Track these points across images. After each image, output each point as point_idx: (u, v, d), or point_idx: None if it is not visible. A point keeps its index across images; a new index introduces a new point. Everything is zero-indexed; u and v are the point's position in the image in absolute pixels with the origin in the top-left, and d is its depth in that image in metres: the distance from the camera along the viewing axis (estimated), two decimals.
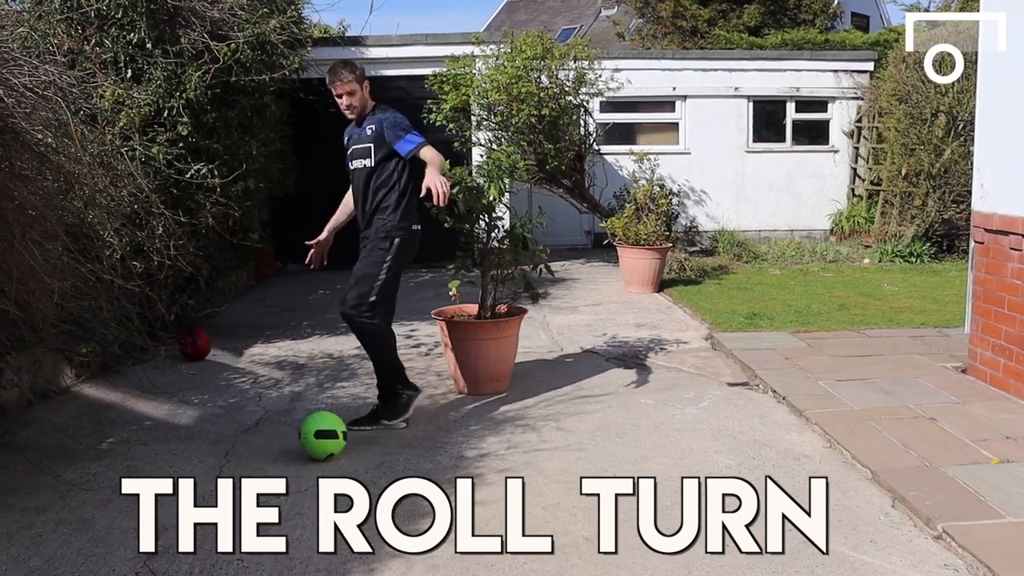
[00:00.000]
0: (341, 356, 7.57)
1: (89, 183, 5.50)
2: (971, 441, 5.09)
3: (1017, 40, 5.91)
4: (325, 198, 12.46)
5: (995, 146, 6.24)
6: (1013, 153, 6.00)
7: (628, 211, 10.99)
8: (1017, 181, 5.95)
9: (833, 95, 14.84)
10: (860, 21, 26.01)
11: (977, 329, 6.42)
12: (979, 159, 6.47)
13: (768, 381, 6.43)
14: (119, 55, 7.26)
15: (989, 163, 6.31)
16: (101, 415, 5.97)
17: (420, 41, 12.87)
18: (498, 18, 34.23)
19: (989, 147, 6.33)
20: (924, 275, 11.53)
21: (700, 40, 20.71)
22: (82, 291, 5.30)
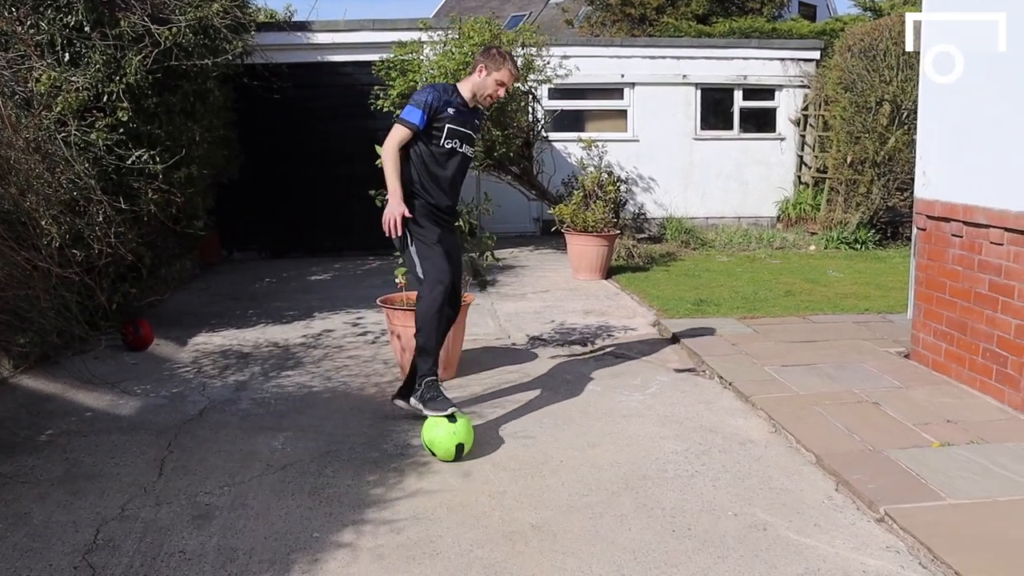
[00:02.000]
0: (287, 345, 7.48)
1: (24, 169, 5.37)
2: (913, 425, 5.15)
3: (955, 32, 5.98)
4: (271, 184, 12.51)
5: (937, 134, 6.31)
6: (954, 141, 6.08)
7: (576, 198, 10.99)
8: (958, 169, 6.03)
9: (780, 83, 14.95)
10: (807, 10, 26.28)
11: (919, 315, 6.50)
12: (922, 147, 6.55)
13: (714, 367, 6.46)
14: (56, 38, 7.07)
15: (931, 151, 6.38)
16: (40, 407, 5.84)
17: (367, 27, 12.74)
18: (447, 4, 34.02)
19: (932, 135, 6.40)
20: (868, 261, 11.68)
21: (649, 28, 20.78)
22: (18, 280, 5.18)
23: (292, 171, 12.65)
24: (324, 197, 12.55)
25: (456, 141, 5.29)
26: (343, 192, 11.72)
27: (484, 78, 5.29)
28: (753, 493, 4.35)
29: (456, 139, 5.29)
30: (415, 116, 5.17)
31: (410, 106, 5.23)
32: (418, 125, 5.17)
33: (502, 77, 5.27)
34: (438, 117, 5.21)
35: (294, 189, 12.68)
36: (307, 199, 12.69)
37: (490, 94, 5.33)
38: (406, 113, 5.21)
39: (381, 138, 5.36)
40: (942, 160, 6.23)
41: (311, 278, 10.99)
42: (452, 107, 5.26)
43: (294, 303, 9.28)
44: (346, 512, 4.17)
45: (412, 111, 5.19)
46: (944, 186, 6.17)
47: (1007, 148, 5.45)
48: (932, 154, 6.36)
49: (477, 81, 5.31)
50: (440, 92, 5.28)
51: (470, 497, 4.34)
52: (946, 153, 6.19)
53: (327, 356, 7.11)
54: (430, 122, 5.20)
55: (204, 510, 4.21)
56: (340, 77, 12.79)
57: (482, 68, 5.30)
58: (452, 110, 5.25)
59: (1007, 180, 5.46)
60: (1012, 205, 5.38)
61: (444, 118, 5.22)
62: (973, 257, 5.82)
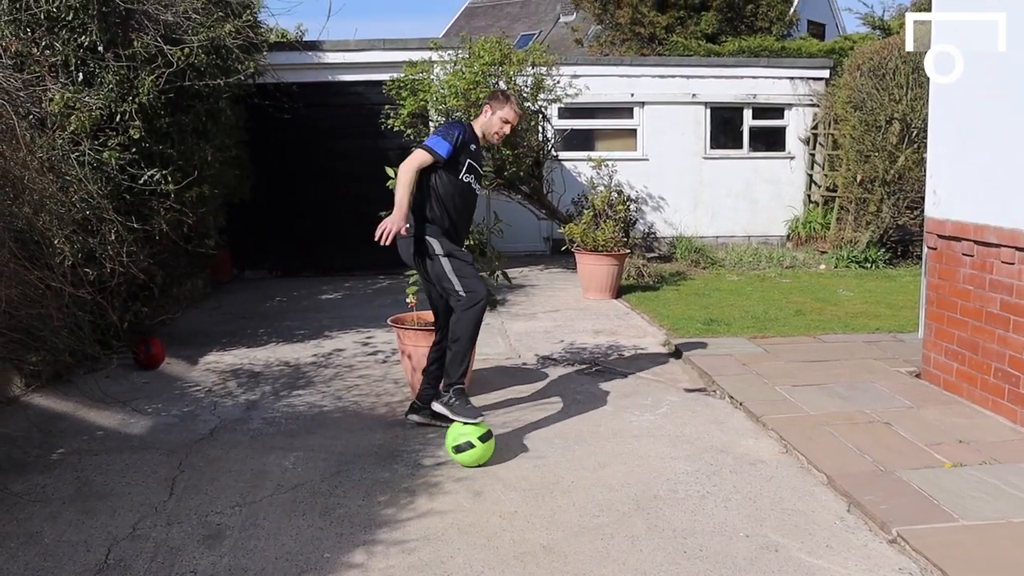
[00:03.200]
0: (297, 364, 7.49)
1: (38, 188, 5.40)
2: (925, 445, 5.13)
3: (970, 47, 5.99)
4: (281, 203, 12.55)
5: (947, 153, 6.31)
6: (965, 160, 6.08)
7: (586, 217, 11.00)
8: (969, 188, 6.02)
9: (789, 102, 14.99)
10: (816, 29, 26.30)
11: (931, 334, 6.48)
12: (932, 166, 6.54)
13: (725, 387, 6.45)
14: (70, 58, 7.12)
15: (942, 170, 6.38)
16: (51, 425, 5.86)
17: (378, 46, 12.81)
18: (457, 23, 34.21)
19: (942, 154, 6.40)
20: (879, 280, 11.66)
21: (658, 47, 20.82)
22: (31, 299, 5.20)
23: (303, 190, 12.70)
24: (334, 216, 12.59)
25: (472, 176, 5.50)
26: (353, 211, 11.70)
27: (491, 117, 5.59)
28: (764, 514, 4.33)
29: (472, 175, 5.50)
30: (443, 147, 5.32)
31: (437, 136, 5.38)
32: (444, 156, 5.31)
33: (507, 115, 5.59)
34: (462, 152, 5.40)
35: (305, 208, 12.73)
36: (317, 218, 12.73)
37: (496, 131, 5.62)
38: (433, 142, 5.35)
39: (392, 157, 5.45)
40: (952, 179, 6.22)
41: (322, 297, 11.02)
42: (473, 144, 5.51)
43: (305, 322, 9.30)
44: (357, 532, 4.17)
45: (440, 142, 5.33)
46: (955, 205, 6.16)
47: (1018, 167, 5.45)
48: (942, 173, 6.35)
49: (484, 121, 5.61)
50: (466, 128, 5.54)
51: (481, 518, 4.33)
52: (956, 172, 6.18)
53: (338, 375, 7.11)
54: (455, 155, 5.36)
55: (215, 530, 4.21)
56: (350, 96, 12.86)
57: (488, 108, 5.61)
58: (473, 147, 5.50)
59: (1018, 199, 5.45)
60: (1023, 224, 5.37)
61: (466, 154, 5.43)
62: (984, 276, 5.81)
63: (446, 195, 5.39)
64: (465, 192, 5.48)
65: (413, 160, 5.28)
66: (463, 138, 5.41)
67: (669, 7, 21.30)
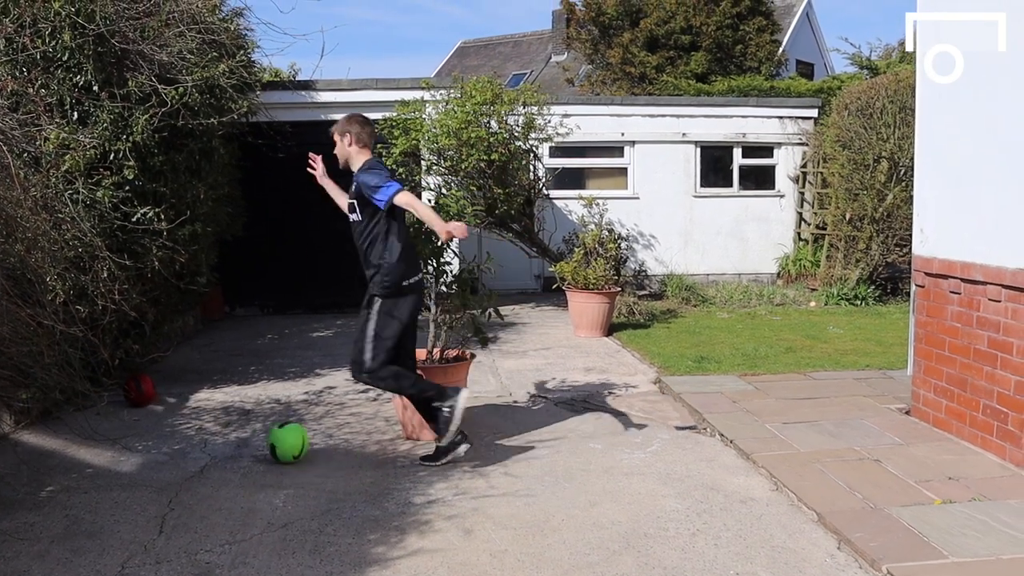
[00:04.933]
0: (288, 402, 7.49)
1: (31, 226, 5.43)
2: (915, 482, 5.15)
3: (953, 93, 6.08)
4: (274, 242, 12.57)
5: (934, 192, 6.38)
6: (951, 198, 6.15)
7: (577, 255, 11.06)
8: (955, 226, 6.09)
9: (779, 141, 15.12)
10: (805, 69, 26.57)
11: (920, 371, 6.52)
12: (919, 204, 6.61)
13: (716, 425, 6.46)
14: (65, 97, 7.17)
15: (928, 208, 6.44)
16: (40, 463, 5.84)
17: (371, 86, 12.90)
18: (449, 63, 34.49)
19: (928, 193, 6.47)
20: (869, 317, 11.71)
21: (648, 86, 21.05)
22: (23, 336, 5.20)
23: (295, 228, 12.72)
24: (326, 254, 12.58)
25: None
26: (345, 249, 11.69)
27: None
28: (755, 552, 4.34)
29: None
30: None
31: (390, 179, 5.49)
32: None
33: None
34: None
35: (297, 246, 12.74)
36: (309, 256, 12.74)
37: None
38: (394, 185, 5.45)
39: None
40: (939, 217, 6.29)
41: (313, 335, 11.02)
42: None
43: (296, 360, 9.30)
44: (347, 571, 4.16)
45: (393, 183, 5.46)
46: (942, 243, 6.22)
47: (1003, 206, 5.51)
48: (929, 211, 6.42)
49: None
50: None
51: (471, 556, 4.33)
52: (943, 210, 6.25)
53: (328, 413, 7.11)
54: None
55: (205, 568, 4.20)
56: None
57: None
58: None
59: (1004, 237, 5.51)
60: (1008, 262, 5.43)
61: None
62: (971, 314, 5.85)
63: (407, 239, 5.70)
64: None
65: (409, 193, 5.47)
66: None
67: (659, 47, 21.56)
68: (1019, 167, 5.37)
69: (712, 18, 21.16)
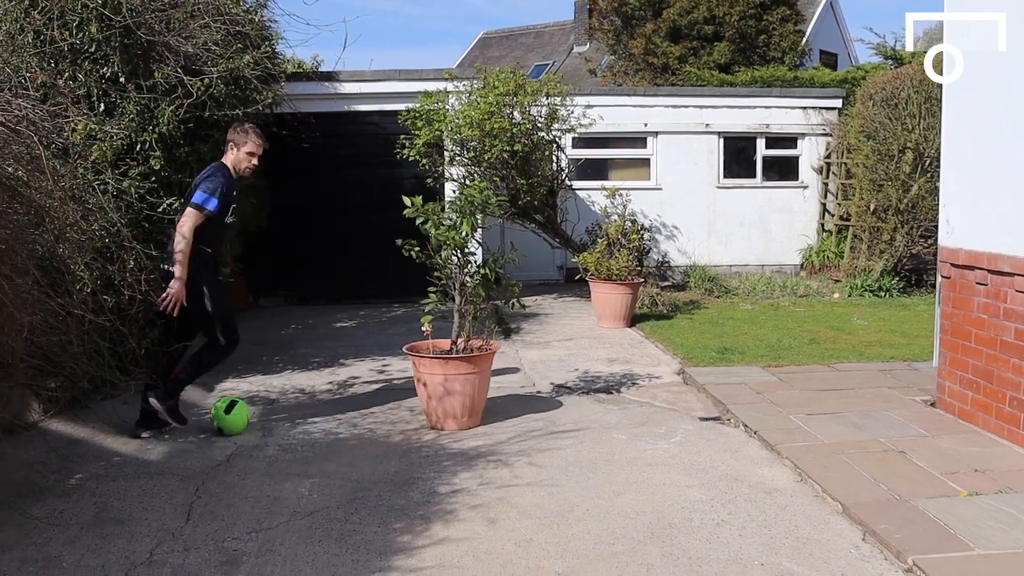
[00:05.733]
0: (313, 391, 7.53)
1: (60, 217, 5.47)
2: (940, 474, 5.13)
3: (977, 81, 6.04)
4: (297, 232, 12.64)
5: (960, 182, 6.34)
6: (978, 189, 6.10)
7: (600, 246, 11.05)
8: (982, 217, 6.05)
9: (802, 131, 15.04)
10: (828, 59, 26.41)
11: (945, 363, 6.49)
12: (945, 195, 6.57)
13: (739, 416, 6.45)
14: (92, 89, 7.24)
15: (955, 199, 6.40)
16: (69, 451, 5.91)
17: (393, 76, 12.93)
18: (472, 54, 34.48)
19: (955, 183, 6.43)
20: (893, 309, 11.65)
21: (671, 77, 20.96)
22: (52, 325, 5.24)
23: (318, 219, 12.78)
24: (350, 245, 12.66)
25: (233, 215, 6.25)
26: (368, 240, 11.80)
27: (237, 154, 6.18)
28: (780, 543, 4.34)
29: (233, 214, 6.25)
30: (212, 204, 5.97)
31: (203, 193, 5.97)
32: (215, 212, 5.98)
33: (250, 148, 6.19)
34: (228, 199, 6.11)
35: (320, 237, 12.79)
36: (333, 247, 12.79)
37: (246, 166, 6.21)
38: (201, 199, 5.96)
39: (407, 187, 5.58)
40: (965, 208, 6.25)
41: (336, 325, 11.07)
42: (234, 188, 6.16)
43: (320, 350, 9.34)
44: (373, 559, 4.19)
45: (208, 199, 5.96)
46: (968, 234, 6.18)
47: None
48: (955, 202, 6.38)
49: (232, 158, 6.21)
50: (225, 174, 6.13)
51: (496, 545, 4.35)
52: (970, 201, 6.21)
53: (353, 403, 7.15)
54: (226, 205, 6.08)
55: (232, 555, 4.24)
56: (366, 126, 12.96)
57: (232, 146, 6.20)
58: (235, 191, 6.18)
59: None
60: None
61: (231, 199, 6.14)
62: (998, 305, 5.82)
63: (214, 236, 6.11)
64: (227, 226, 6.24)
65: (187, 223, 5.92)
66: (226, 188, 6.02)
67: (682, 38, 21.46)
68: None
69: (735, 8, 21.03)
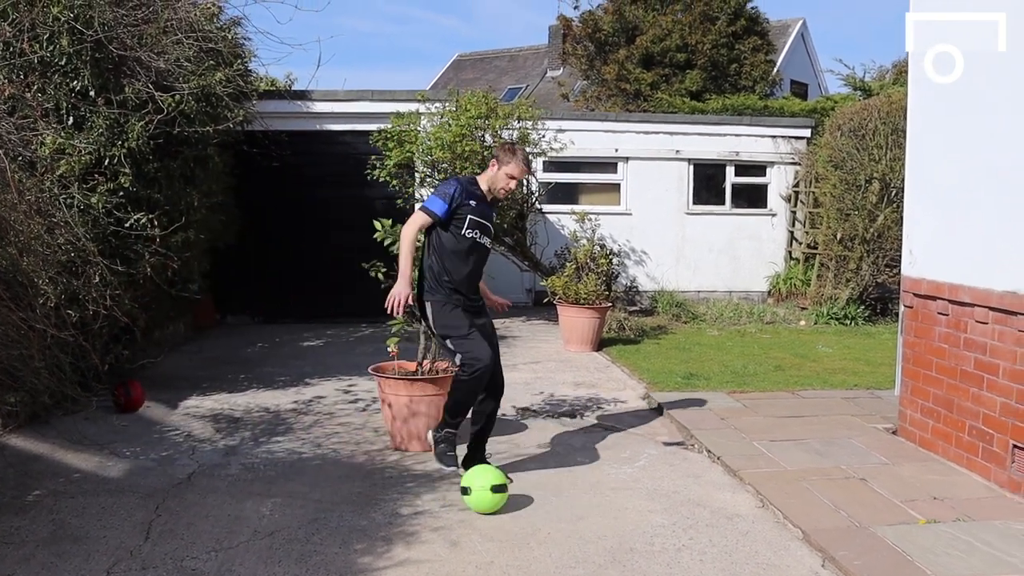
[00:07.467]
0: (278, 410, 7.49)
1: (24, 230, 5.44)
2: (900, 501, 5.17)
3: (938, 115, 6.14)
4: (266, 250, 12.59)
5: (923, 213, 6.43)
6: (940, 221, 6.19)
7: (569, 270, 11.08)
8: (944, 248, 6.13)
9: (772, 160, 15.18)
10: (799, 88, 26.71)
11: (907, 391, 6.55)
12: (908, 226, 6.66)
13: (703, 441, 6.48)
14: (61, 103, 7.20)
15: (918, 230, 6.49)
16: (27, 466, 5.83)
17: (366, 97, 12.93)
18: (445, 75, 34.57)
19: (918, 214, 6.52)
20: (858, 337, 11.75)
21: (643, 103, 21.11)
22: (13, 339, 5.20)
23: (287, 237, 12.74)
24: (319, 264, 12.61)
25: (476, 232, 5.55)
26: (337, 259, 11.76)
27: (497, 172, 5.60)
28: (740, 568, 4.35)
29: (476, 230, 5.55)
30: (438, 206, 5.44)
31: (434, 196, 5.52)
32: (440, 215, 5.44)
33: (512, 171, 5.56)
34: (460, 208, 5.48)
35: (289, 255, 12.75)
36: (302, 265, 12.75)
37: (502, 187, 5.63)
38: (429, 202, 5.50)
39: (377, 207, 5.56)
40: (928, 239, 6.34)
41: (303, 344, 11.02)
42: (474, 199, 5.54)
43: (286, 369, 9.30)
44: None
45: (436, 201, 5.47)
46: (930, 265, 6.27)
47: (991, 229, 5.56)
48: (918, 233, 6.47)
49: (491, 175, 5.63)
50: (464, 185, 5.59)
51: (457, 567, 4.33)
52: (932, 232, 6.29)
53: (317, 423, 7.12)
54: (453, 212, 5.45)
55: (191, 575, 4.20)
56: (338, 146, 12.95)
57: (494, 163, 5.61)
58: (473, 202, 5.53)
59: (990, 260, 5.56)
60: (995, 284, 5.47)
61: (467, 209, 5.49)
62: (959, 335, 5.89)
63: (449, 254, 5.49)
64: (471, 248, 5.55)
65: (412, 224, 5.45)
66: (459, 194, 5.48)
67: (655, 64, 21.64)
68: (1006, 191, 5.42)
69: (708, 37, 21.25)
